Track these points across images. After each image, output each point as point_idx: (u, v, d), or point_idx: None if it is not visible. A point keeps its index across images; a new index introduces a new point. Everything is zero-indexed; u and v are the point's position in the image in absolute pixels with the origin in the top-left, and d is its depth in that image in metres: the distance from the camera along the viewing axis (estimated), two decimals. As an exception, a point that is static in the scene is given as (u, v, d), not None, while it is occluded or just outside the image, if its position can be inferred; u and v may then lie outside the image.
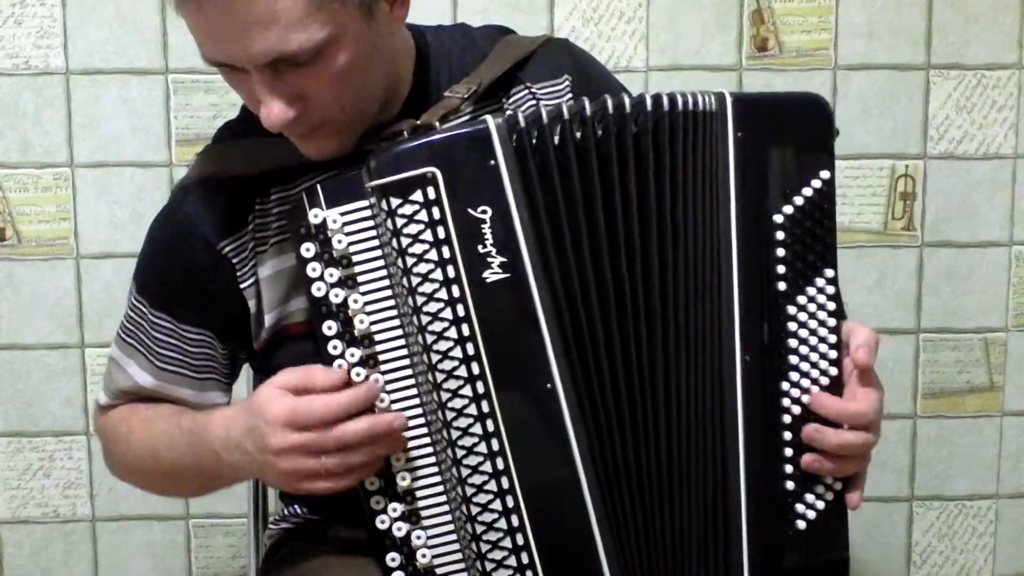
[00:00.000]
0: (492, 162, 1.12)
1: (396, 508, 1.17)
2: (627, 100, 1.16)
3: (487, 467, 1.14)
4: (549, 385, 1.14)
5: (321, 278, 1.14)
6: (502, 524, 1.15)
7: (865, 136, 2.00)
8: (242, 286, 1.26)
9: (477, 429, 1.14)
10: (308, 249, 1.14)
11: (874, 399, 1.21)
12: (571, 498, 1.15)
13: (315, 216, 1.13)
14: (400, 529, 1.17)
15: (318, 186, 1.14)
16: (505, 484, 1.14)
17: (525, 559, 1.15)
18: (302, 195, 1.14)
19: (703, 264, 1.18)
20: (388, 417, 1.13)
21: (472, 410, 1.13)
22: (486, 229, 1.12)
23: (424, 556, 1.17)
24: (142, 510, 2.03)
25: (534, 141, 1.13)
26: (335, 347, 1.15)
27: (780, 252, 1.19)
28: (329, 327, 1.15)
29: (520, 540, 1.15)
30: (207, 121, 1.92)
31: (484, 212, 1.12)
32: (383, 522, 1.17)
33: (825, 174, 1.20)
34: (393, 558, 1.18)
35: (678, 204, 1.17)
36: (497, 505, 1.15)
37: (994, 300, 2.07)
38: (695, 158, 1.18)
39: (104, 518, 2.04)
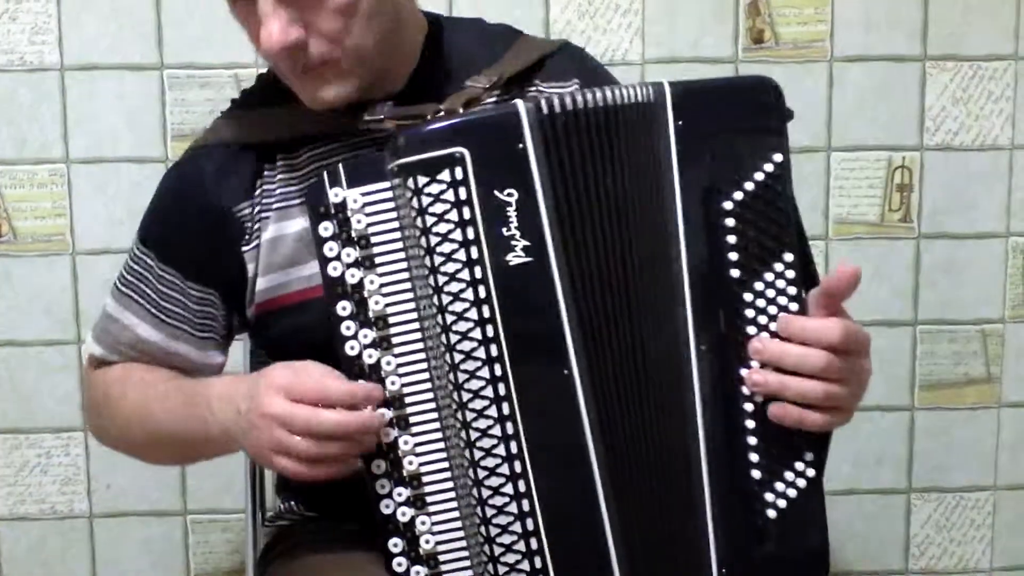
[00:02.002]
0: (520, 146, 1.12)
1: (401, 493, 1.16)
2: (577, 97, 1.14)
3: (500, 450, 1.14)
4: (566, 371, 1.14)
5: (338, 258, 1.14)
6: (513, 508, 1.14)
7: (861, 128, 2.00)
8: (244, 249, 1.28)
9: (492, 412, 1.13)
10: (326, 228, 1.14)
11: (845, 325, 1.15)
12: (582, 483, 1.15)
13: (335, 195, 1.13)
14: (404, 514, 1.16)
15: (339, 166, 1.14)
16: (518, 468, 1.14)
17: (535, 544, 1.15)
18: (322, 173, 1.14)
19: (658, 255, 1.17)
20: (364, 415, 1.13)
21: (488, 392, 1.13)
22: (511, 212, 1.12)
23: (428, 542, 1.17)
24: (140, 506, 2.03)
25: (563, 127, 1.13)
26: (348, 328, 1.14)
27: (731, 239, 1.16)
28: (343, 307, 1.14)
29: (531, 526, 1.15)
30: (202, 116, 1.92)
31: (510, 195, 1.12)
32: (387, 507, 1.17)
33: (778, 157, 1.16)
34: (395, 544, 1.17)
35: (638, 199, 1.16)
36: (509, 489, 1.14)
37: (991, 291, 2.07)
38: (641, 150, 1.16)
39: (102, 514, 2.04)
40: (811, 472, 1.20)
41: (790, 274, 1.16)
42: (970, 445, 2.11)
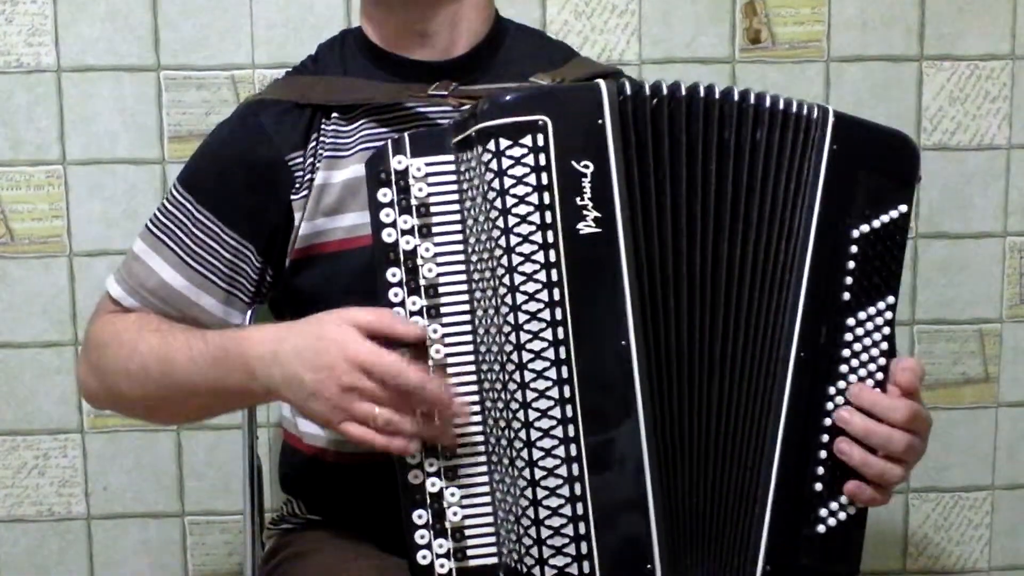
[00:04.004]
0: (600, 121, 1.16)
1: (433, 463, 1.17)
2: (716, 89, 1.20)
3: (556, 413, 1.15)
4: (624, 342, 1.16)
5: (393, 224, 1.16)
6: (563, 471, 1.15)
7: (859, 128, 2.00)
8: (294, 198, 1.31)
9: (552, 373, 1.14)
10: (385, 195, 1.17)
11: (914, 407, 1.22)
12: (630, 456, 1.16)
13: (399, 163, 1.17)
14: (434, 485, 1.17)
15: (405, 135, 1.18)
16: (571, 432, 1.15)
17: (580, 509, 1.15)
18: (386, 142, 1.18)
19: (773, 256, 1.21)
20: (456, 405, 1.15)
21: (550, 354, 1.14)
22: (586, 183, 1.15)
23: (456, 514, 1.17)
24: (137, 508, 2.03)
25: (637, 111, 1.17)
26: (396, 294, 1.17)
27: (851, 265, 1.22)
28: (393, 274, 1.17)
29: (578, 489, 1.15)
30: (199, 117, 1.92)
31: (586, 167, 1.15)
32: (416, 477, 1.17)
33: (903, 208, 1.24)
34: (420, 515, 1.17)
35: (755, 195, 1.21)
36: (560, 452, 1.15)
37: (989, 291, 2.07)
38: (783, 157, 1.21)
39: (99, 516, 2.04)
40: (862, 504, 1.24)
41: (888, 315, 1.24)
42: (968, 445, 2.11)
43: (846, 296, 1.22)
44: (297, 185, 1.31)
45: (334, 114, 1.33)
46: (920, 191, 2.03)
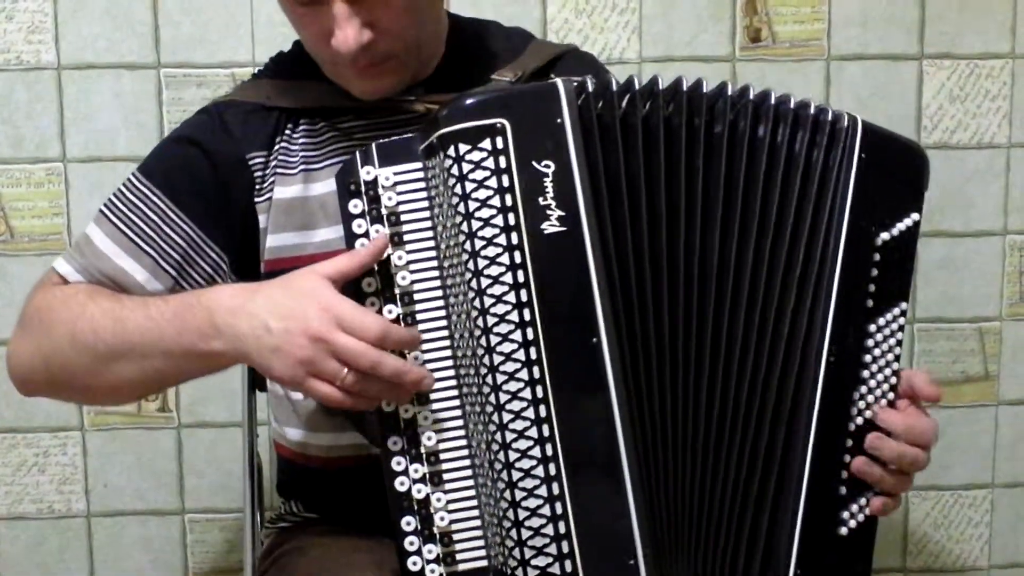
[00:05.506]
0: (559, 120, 1.16)
1: (418, 469, 1.17)
2: (703, 84, 1.21)
3: (529, 413, 1.15)
4: (595, 339, 1.16)
5: (366, 235, 1.16)
6: (539, 471, 1.15)
7: (859, 126, 2.00)
8: (257, 200, 1.31)
9: (523, 375, 1.15)
10: (356, 206, 1.17)
11: (933, 425, 1.26)
12: (605, 452, 1.16)
13: (367, 173, 1.17)
14: (420, 492, 1.17)
15: (372, 145, 1.17)
16: (546, 432, 1.15)
17: (559, 509, 1.15)
18: (354, 153, 1.18)
19: (794, 259, 1.21)
20: (423, 372, 1.14)
21: (520, 355, 1.15)
22: (548, 183, 1.15)
23: (443, 520, 1.17)
24: (137, 506, 2.03)
25: (600, 107, 1.18)
26: (372, 303, 1.17)
27: (874, 272, 1.24)
28: (368, 283, 1.17)
29: (555, 489, 1.15)
30: (200, 115, 1.92)
31: (547, 166, 1.15)
32: (402, 484, 1.17)
33: (916, 216, 1.26)
34: (408, 522, 1.17)
35: (756, 192, 1.20)
36: (536, 452, 1.15)
37: (989, 289, 2.07)
38: (802, 158, 1.22)
39: (99, 514, 2.04)
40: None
41: (902, 321, 1.26)
42: (968, 443, 2.11)
43: (869, 302, 1.24)
44: (258, 187, 1.31)
45: (302, 123, 1.32)
46: (920, 189, 2.04)
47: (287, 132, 1.32)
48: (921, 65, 2.01)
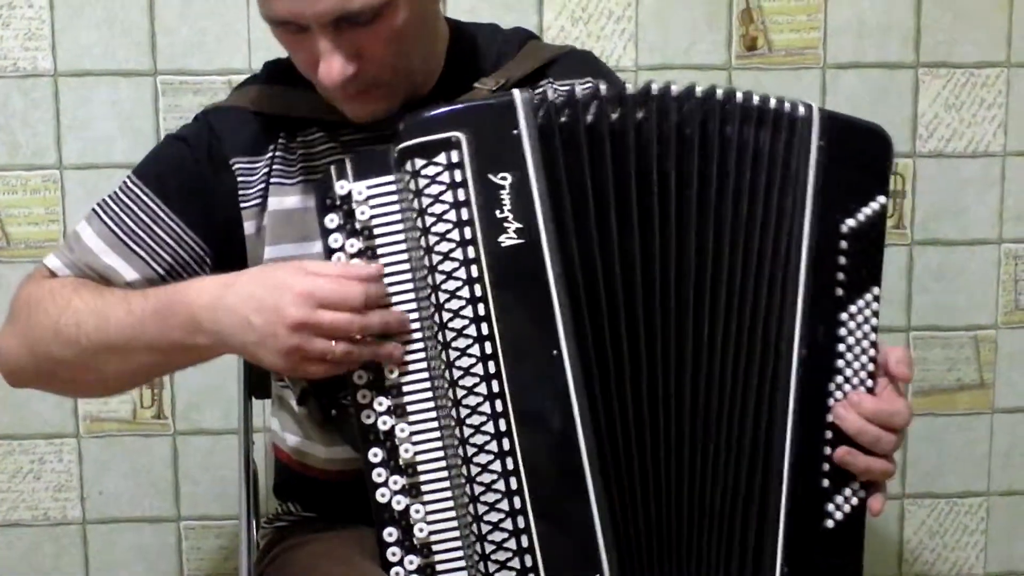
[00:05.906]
0: (515, 131, 1.16)
1: (397, 481, 1.17)
2: (672, 86, 1.20)
3: (489, 427, 1.15)
4: (555, 351, 1.16)
5: (342, 248, 1.16)
6: (500, 486, 1.15)
7: (854, 135, 2.01)
8: (243, 205, 1.30)
9: (482, 389, 1.15)
10: (332, 220, 1.17)
11: (903, 406, 1.24)
12: (568, 464, 1.16)
13: (341, 188, 1.16)
14: (400, 503, 1.17)
15: (346, 160, 1.17)
16: (506, 446, 1.15)
17: (521, 523, 1.16)
18: (329, 168, 1.17)
19: (764, 256, 1.21)
20: (399, 313, 1.16)
21: (479, 370, 1.15)
22: (505, 195, 1.15)
23: (422, 531, 1.18)
24: (133, 513, 2.03)
25: (563, 117, 1.17)
26: None
27: (842, 260, 1.23)
28: None
29: (517, 503, 1.16)
30: (196, 122, 1.92)
31: (504, 179, 1.15)
32: (383, 495, 1.18)
33: (881, 199, 1.25)
34: (390, 533, 1.18)
35: (727, 191, 1.20)
36: (497, 466, 1.15)
37: (984, 298, 2.07)
38: (765, 153, 1.21)
39: (95, 521, 2.04)
40: (862, 494, 1.25)
41: (875, 306, 1.25)
42: (963, 451, 2.11)
43: (839, 292, 1.23)
44: (244, 192, 1.30)
45: (298, 135, 1.32)
46: (915, 197, 2.04)
47: (282, 140, 1.31)
48: (917, 74, 2.01)
